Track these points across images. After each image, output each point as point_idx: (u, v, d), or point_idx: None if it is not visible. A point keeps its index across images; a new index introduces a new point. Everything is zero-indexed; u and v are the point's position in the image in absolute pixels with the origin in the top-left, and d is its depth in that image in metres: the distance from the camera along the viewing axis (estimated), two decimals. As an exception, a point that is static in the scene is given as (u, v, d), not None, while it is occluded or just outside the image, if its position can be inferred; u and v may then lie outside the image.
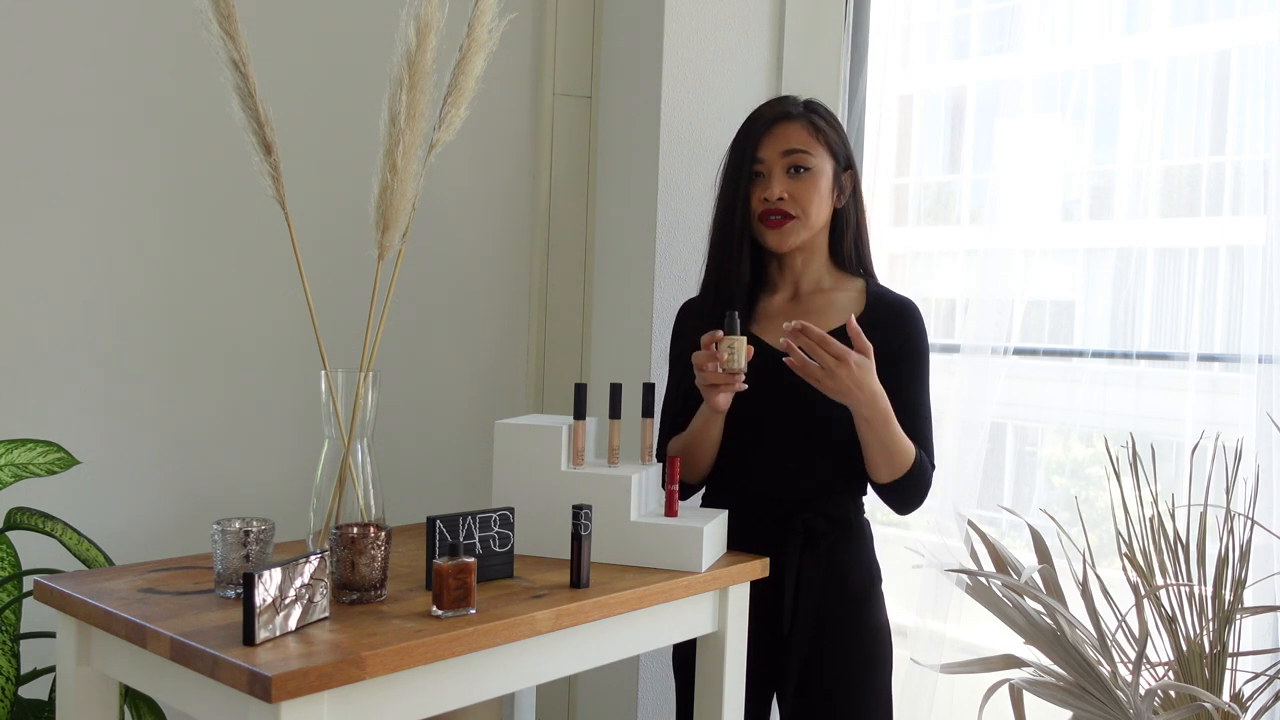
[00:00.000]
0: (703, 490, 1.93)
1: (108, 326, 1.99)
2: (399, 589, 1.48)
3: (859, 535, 1.84)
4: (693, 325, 1.87)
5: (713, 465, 1.84)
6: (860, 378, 1.62)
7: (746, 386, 1.68)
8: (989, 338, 2.14)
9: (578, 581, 1.52)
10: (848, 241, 1.89)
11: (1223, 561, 1.60)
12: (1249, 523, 1.60)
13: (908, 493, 1.76)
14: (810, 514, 1.79)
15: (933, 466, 1.80)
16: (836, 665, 1.79)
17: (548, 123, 2.48)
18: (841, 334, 1.78)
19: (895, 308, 1.83)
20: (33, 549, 1.84)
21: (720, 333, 1.66)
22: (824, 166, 1.81)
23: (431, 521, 1.48)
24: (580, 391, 1.71)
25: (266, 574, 1.23)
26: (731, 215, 1.84)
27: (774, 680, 1.85)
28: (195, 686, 1.27)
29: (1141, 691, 1.49)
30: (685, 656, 1.87)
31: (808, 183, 1.80)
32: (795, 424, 1.79)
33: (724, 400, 1.70)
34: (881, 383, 1.69)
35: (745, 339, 1.66)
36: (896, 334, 1.81)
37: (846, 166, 1.86)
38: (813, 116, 1.83)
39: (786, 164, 1.80)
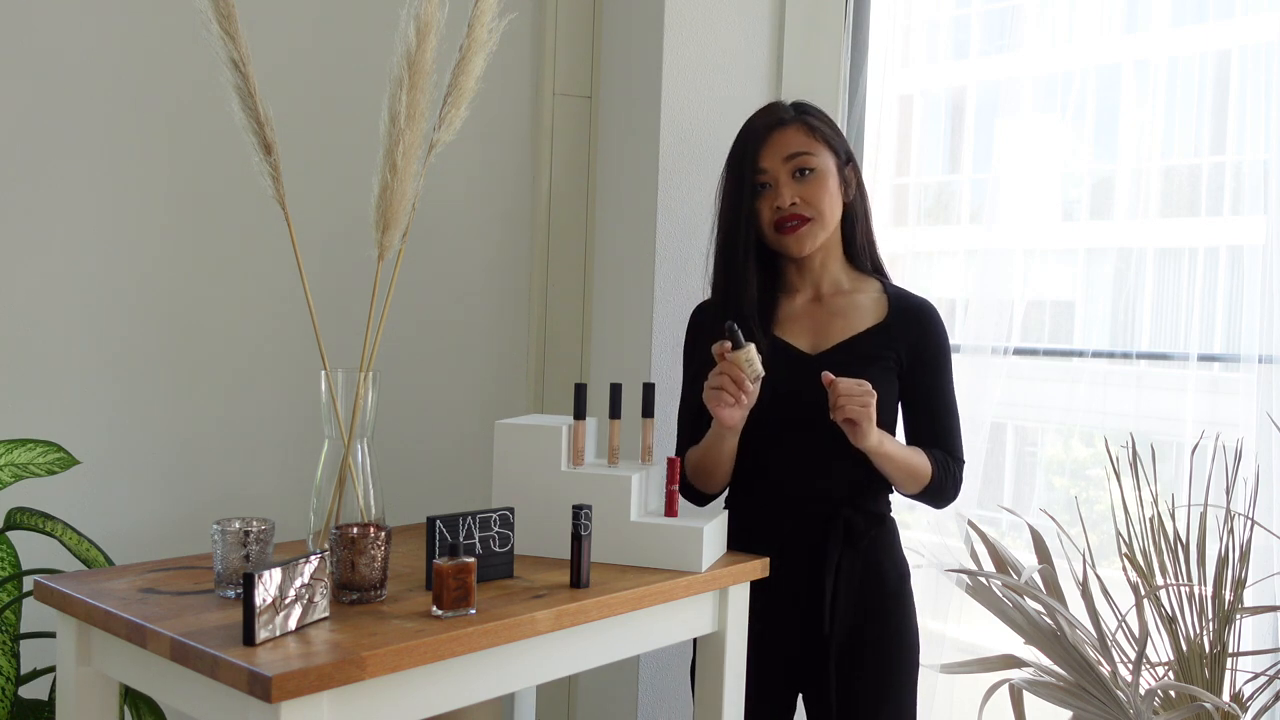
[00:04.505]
0: (723, 495, 1.90)
1: (108, 326, 1.99)
2: (399, 589, 1.48)
3: (890, 531, 1.84)
4: (707, 334, 1.82)
5: (730, 475, 1.82)
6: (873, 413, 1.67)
7: (753, 396, 1.67)
8: (989, 338, 2.14)
9: (578, 581, 1.52)
10: (859, 237, 1.87)
11: (1223, 561, 1.61)
12: (1249, 523, 1.60)
13: (936, 496, 1.81)
14: (850, 511, 1.78)
15: (962, 461, 1.84)
16: (870, 665, 1.78)
17: (548, 123, 2.48)
18: (866, 336, 1.80)
19: (916, 311, 1.84)
20: (33, 549, 1.84)
21: (727, 344, 1.64)
22: (828, 164, 1.80)
23: (431, 521, 1.48)
24: (580, 391, 1.71)
25: (266, 574, 1.23)
26: (736, 232, 1.81)
27: (805, 681, 1.82)
28: (195, 686, 1.27)
29: (1141, 691, 1.49)
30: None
31: (816, 183, 1.78)
32: (831, 422, 1.72)
33: (731, 416, 1.68)
34: (907, 386, 1.80)
35: (752, 345, 1.65)
36: (921, 338, 1.82)
37: (848, 160, 1.85)
38: (806, 117, 1.82)
39: (791, 169, 1.78)
